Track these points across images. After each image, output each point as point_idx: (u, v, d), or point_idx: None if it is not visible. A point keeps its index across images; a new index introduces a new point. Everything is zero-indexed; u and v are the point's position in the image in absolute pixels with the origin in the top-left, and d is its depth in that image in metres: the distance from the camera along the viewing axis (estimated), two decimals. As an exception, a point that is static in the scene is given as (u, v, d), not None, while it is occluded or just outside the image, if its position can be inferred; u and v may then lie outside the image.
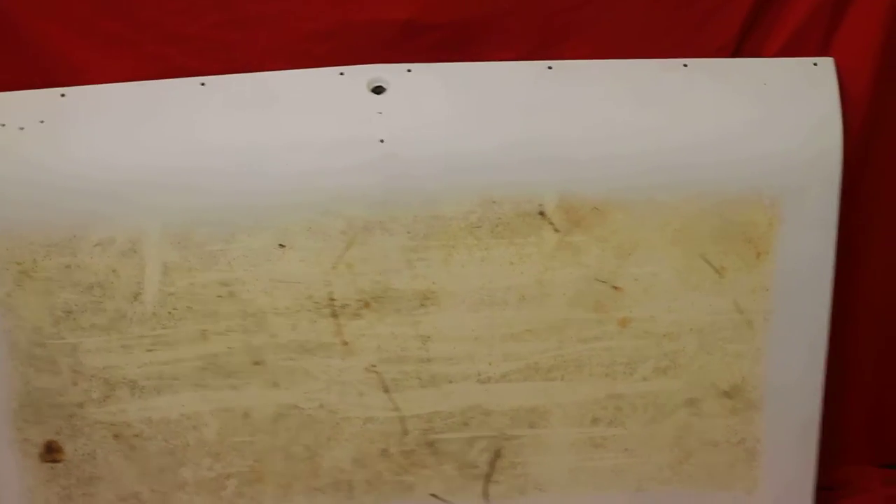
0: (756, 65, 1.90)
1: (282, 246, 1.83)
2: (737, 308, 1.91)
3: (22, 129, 1.81)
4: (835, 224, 1.88)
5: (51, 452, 1.90)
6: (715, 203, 1.86)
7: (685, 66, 1.88)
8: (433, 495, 1.97)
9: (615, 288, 1.89)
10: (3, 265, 1.81)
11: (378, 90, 1.84)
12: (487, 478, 1.97)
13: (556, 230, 1.85)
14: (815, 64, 1.89)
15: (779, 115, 1.86)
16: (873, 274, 2.07)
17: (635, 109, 1.85)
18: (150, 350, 1.87)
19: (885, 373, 2.16)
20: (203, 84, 1.84)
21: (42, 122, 1.82)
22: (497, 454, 1.95)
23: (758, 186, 1.86)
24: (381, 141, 1.82)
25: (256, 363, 1.87)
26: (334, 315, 1.86)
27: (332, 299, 1.86)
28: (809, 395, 1.97)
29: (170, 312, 1.85)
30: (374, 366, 1.90)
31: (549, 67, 1.86)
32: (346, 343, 1.88)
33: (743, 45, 1.95)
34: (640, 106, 1.85)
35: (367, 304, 1.86)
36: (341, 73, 1.85)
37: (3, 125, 1.81)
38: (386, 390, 1.91)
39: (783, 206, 1.86)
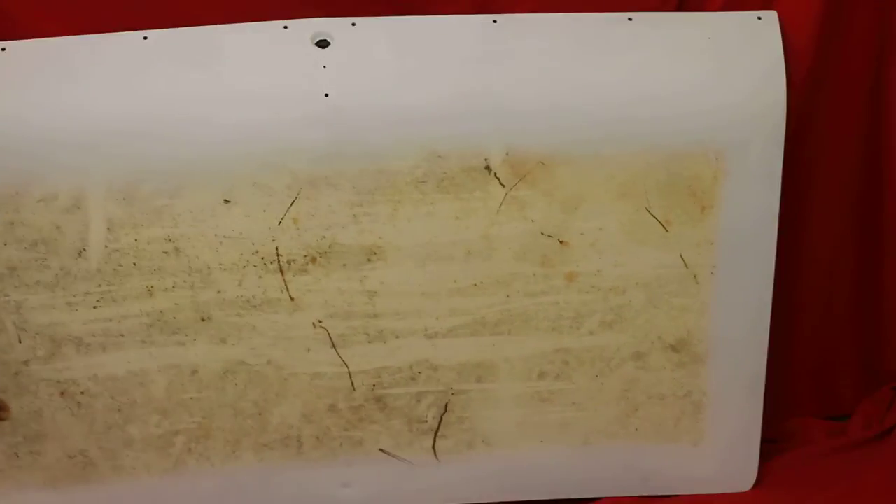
0: (700, 19, 1.92)
1: (227, 201, 1.84)
2: (682, 262, 1.93)
3: (-38, 85, 1.78)
4: (779, 178, 1.90)
5: (-4, 410, 1.88)
6: (660, 157, 1.88)
7: (630, 19, 1.89)
8: (382, 450, 1.99)
9: (561, 242, 1.90)
10: (-55, 223, 1.78)
11: (322, 44, 1.85)
12: (435, 433, 1.99)
13: (502, 184, 1.86)
14: (759, 18, 1.90)
15: (723, 68, 1.88)
16: (817, 228, 2.10)
17: (580, 63, 1.87)
18: (95, 307, 1.87)
19: (830, 326, 2.21)
20: (146, 38, 1.84)
21: (-19, 76, 1.79)
22: (445, 409, 1.98)
23: (702, 140, 1.87)
24: (326, 95, 1.82)
25: (203, 319, 1.88)
26: (280, 270, 1.87)
27: (279, 255, 1.87)
28: (755, 349, 2.00)
29: (115, 269, 1.85)
30: (321, 321, 1.91)
31: (494, 21, 1.87)
32: (292, 298, 1.89)
33: (687, -1, 1.95)
34: (585, 60, 1.87)
35: (313, 260, 1.87)
36: (285, 27, 1.85)
37: (-58, 82, 1.78)
38: (333, 346, 1.92)
39: (728, 159, 1.88)
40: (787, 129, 1.88)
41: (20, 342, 1.88)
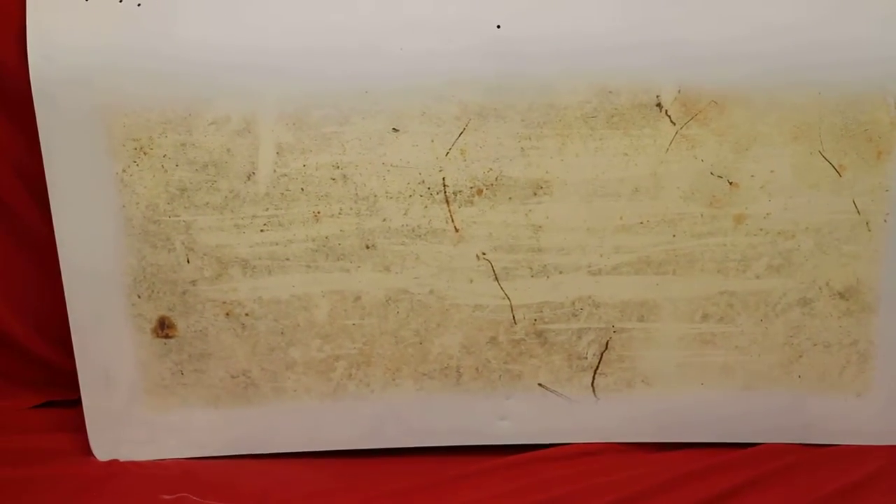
0: None
1: (395, 130, 1.98)
2: (855, 208, 2.03)
3: (140, 4, 1.97)
4: (960, 125, 1.95)
5: (164, 328, 2.09)
6: (837, 101, 1.97)
7: None
8: (541, 385, 2.14)
9: (731, 183, 2.02)
10: (120, 142, 1.98)
11: (497, -26, 1.95)
12: (595, 370, 2.13)
13: (673, 122, 1.98)
14: (945, -41, 1.95)
15: (905, 11, 1.93)
16: None
17: (758, 2, 1.97)
18: (262, 230, 2.04)
19: None
20: (321, -36, 1.97)
21: (160, -2, 1.95)
22: (605, 346, 2.11)
23: (882, 85, 1.96)
24: (498, 26, 1.95)
25: (368, 247, 2.04)
26: (446, 201, 2.02)
27: (445, 185, 2.01)
28: (926, 299, 2.06)
29: (283, 193, 2.02)
30: (484, 253, 2.05)
31: None
32: (457, 230, 2.04)
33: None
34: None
35: (479, 192, 2.02)
36: (460, -44, 1.96)
37: (121, 0, 1.96)
38: (496, 278, 2.07)
39: (907, 105, 1.95)
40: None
41: (188, 262, 2.05)
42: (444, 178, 2.01)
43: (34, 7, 1.95)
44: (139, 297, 2.06)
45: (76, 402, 2.17)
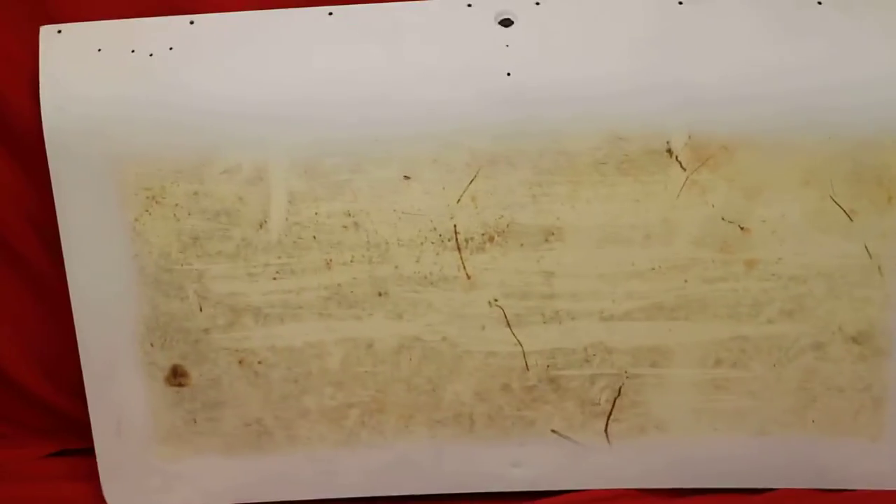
0: (891, 3, 2.01)
1: (407, 177, 2.01)
2: (867, 252, 2.04)
3: (151, 55, 2.01)
4: (972, 169, 1.97)
5: (177, 377, 2.11)
6: (847, 145, 1.99)
7: (819, 3, 2.00)
8: (554, 431, 2.15)
9: (742, 228, 2.03)
10: (132, 191, 2.01)
11: (506, 23, 2.01)
12: (608, 416, 2.14)
13: (683, 168, 2.00)
14: (956, 3, 1.97)
15: (915, 55, 1.96)
16: None
17: (766, 47, 1.99)
18: (275, 278, 2.06)
19: None
20: (330, 13, 2.03)
21: (171, 48, 2.01)
22: (618, 392, 2.13)
23: (892, 129, 1.98)
24: (508, 74, 1.98)
25: (380, 294, 2.06)
26: (458, 248, 2.04)
27: (457, 232, 2.04)
28: (939, 343, 2.07)
29: (295, 241, 2.04)
30: (496, 300, 2.08)
31: (680, 2, 2.01)
32: (469, 276, 2.06)
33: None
34: (771, 43, 1.99)
35: (490, 238, 2.04)
36: (469, 5, 2.02)
37: (133, 51, 2.01)
38: (508, 325, 2.09)
39: (918, 149, 1.96)
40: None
41: (201, 311, 2.08)
42: (455, 226, 2.03)
43: (47, 58, 1.99)
44: (152, 345, 2.08)
45: (89, 451, 2.18)
